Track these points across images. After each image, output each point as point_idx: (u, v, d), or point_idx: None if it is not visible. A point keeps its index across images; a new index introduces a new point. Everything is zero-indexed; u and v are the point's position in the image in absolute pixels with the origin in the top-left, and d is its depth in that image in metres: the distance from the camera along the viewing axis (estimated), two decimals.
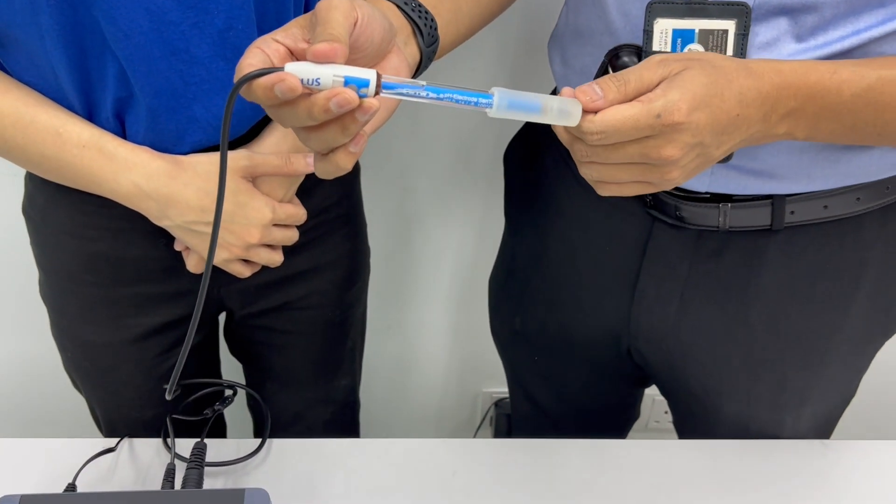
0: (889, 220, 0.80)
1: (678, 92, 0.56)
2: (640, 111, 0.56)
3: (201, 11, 0.70)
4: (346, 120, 0.51)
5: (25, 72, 0.75)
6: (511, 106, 0.53)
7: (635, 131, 0.56)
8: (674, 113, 0.56)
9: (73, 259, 0.87)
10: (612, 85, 0.57)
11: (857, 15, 0.66)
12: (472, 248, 1.41)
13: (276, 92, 0.49)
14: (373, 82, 0.50)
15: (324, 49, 0.49)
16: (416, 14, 0.66)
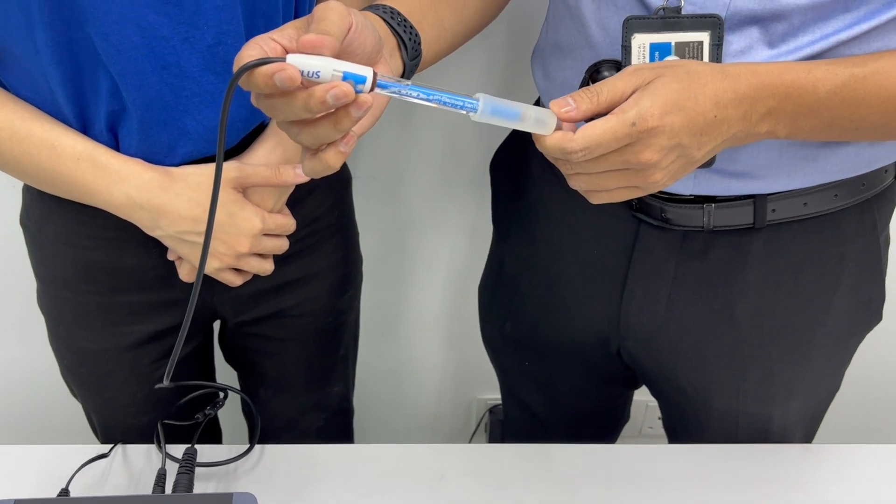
0: (866, 216, 0.82)
1: (649, 99, 0.59)
2: (615, 122, 0.58)
3: (191, 27, 0.72)
4: (339, 115, 0.52)
5: (21, 86, 0.77)
6: (494, 112, 0.57)
7: (615, 142, 0.59)
8: (647, 119, 0.58)
9: (69, 268, 0.88)
10: (585, 96, 0.60)
11: (824, 20, 0.68)
12: (464, 255, 1.42)
13: (276, 80, 0.49)
14: (369, 79, 0.52)
15: (312, 39, 0.50)
16: (401, 28, 0.68)
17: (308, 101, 0.51)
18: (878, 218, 0.84)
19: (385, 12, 0.68)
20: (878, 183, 0.81)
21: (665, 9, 0.70)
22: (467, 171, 1.32)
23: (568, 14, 0.80)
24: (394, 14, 0.68)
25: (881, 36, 0.69)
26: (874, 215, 0.83)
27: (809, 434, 0.99)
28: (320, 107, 0.51)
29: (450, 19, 0.76)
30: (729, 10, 0.69)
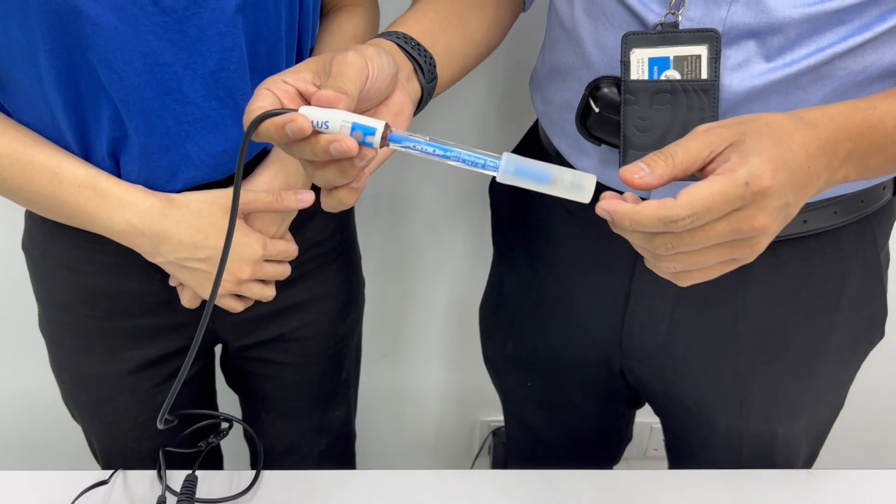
0: (866, 232, 0.83)
1: (756, 156, 0.54)
2: (725, 183, 0.53)
3: (194, 53, 0.72)
4: (344, 164, 0.54)
5: (24, 112, 0.77)
6: (518, 172, 0.53)
7: (726, 205, 0.53)
8: (761, 178, 0.54)
9: (71, 293, 0.88)
10: (659, 159, 0.56)
11: (819, 33, 0.69)
12: (465, 276, 1.42)
13: (287, 131, 0.52)
14: (379, 132, 0.52)
15: (328, 95, 0.52)
16: (416, 52, 0.69)
17: (314, 147, 0.53)
18: (878, 234, 0.84)
19: (399, 38, 0.69)
20: (876, 199, 0.81)
21: (663, 24, 0.71)
22: (468, 191, 1.32)
23: (565, 37, 0.81)
24: (407, 39, 0.69)
25: (876, 48, 0.70)
26: (874, 231, 0.83)
27: (814, 452, 0.99)
28: (324, 155, 0.53)
29: (459, 43, 0.77)
30: (725, 25, 0.70)
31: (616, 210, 0.55)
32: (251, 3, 0.73)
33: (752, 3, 0.69)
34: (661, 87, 0.72)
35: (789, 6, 0.68)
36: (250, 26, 0.74)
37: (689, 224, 0.53)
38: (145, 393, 0.94)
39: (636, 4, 0.73)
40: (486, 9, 0.82)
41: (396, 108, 0.63)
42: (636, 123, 0.74)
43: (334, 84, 0.54)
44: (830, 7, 0.68)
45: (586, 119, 0.77)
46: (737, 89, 0.71)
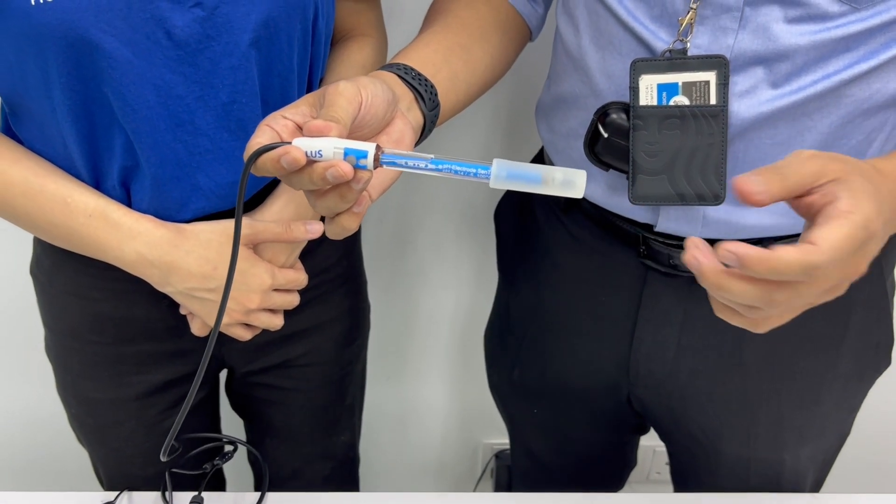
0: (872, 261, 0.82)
1: (865, 198, 0.53)
2: (852, 225, 0.52)
3: (206, 86, 0.73)
4: (342, 189, 0.55)
5: (36, 140, 0.78)
6: (510, 176, 0.54)
7: (852, 249, 0.52)
8: (874, 220, 0.53)
9: (78, 319, 0.89)
10: (774, 178, 0.53)
11: (826, 60, 0.70)
12: (469, 301, 1.43)
13: (283, 164, 0.54)
14: (371, 154, 0.54)
15: (318, 125, 0.54)
16: (416, 82, 0.70)
17: (312, 176, 0.54)
18: (884, 263, 0.85)
19: (399, 69, 0.70)
20: None
21: (671, 51, 0.72)
22: (473, 216, 1.33)
23: (571, 66, 0.81)
24: (407, 70, 0.70)
25: (881, 76, 0.71)
26: (880, 261, 0.84)
27: (820, 479, 0.99)
28: (322, 183, 0.54)
29: (463, 73, 0.78)
30: (733, 52, 0.71)
31: (747, 254, 0.51)
32: (264, 38, 0.74)
33: (759, 30, 0.70)
34: (670, 112, 0.73)
35: (795, 34, 0.69)
36: (263, 60, 0.75)
37: (825, 273, 0.52)
38: (152, 419, 0.94)
39: (644, 32, 0.73)
40: (491, 38, 0.83)
41: (397, 136, 0.64)
42: (645, 149, 0.75)
43: (326, 114, 0.56)
44: (836, 35, 0.69)
45: (595, 145, 0.78)
46: (745, 115, 0.72)
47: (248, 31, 0.72)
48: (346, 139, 0.55)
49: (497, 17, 0.85)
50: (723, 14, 0.70)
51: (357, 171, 0.54)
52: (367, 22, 0.91)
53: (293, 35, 0.76)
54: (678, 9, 0.72)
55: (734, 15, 0.70)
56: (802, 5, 0.68)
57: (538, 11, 0.90)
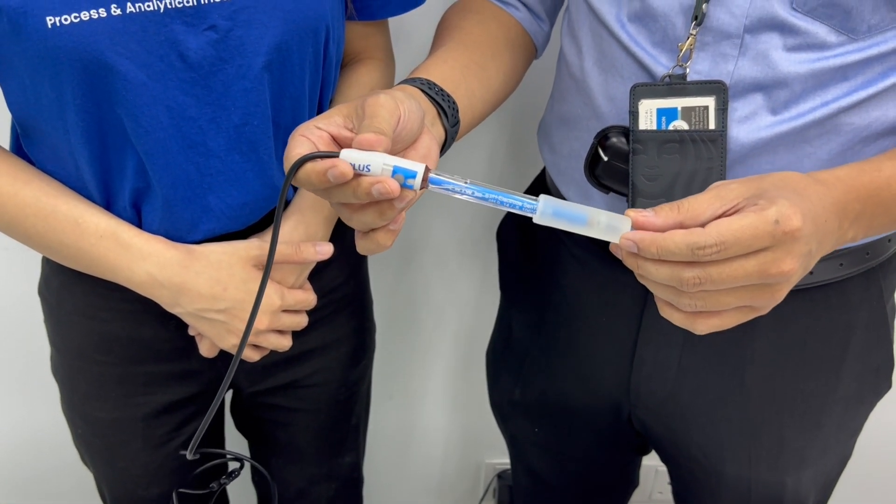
0: (871, 284, 0.83)
1: (784, 200, 0.55)
2: (755, 218, 0.54)
3: (219, 108, 0.74)
4: (383, 205, 0.55)
5: (48, 161, 0.78)
6: (556, 214, 0.55)
7: (755, 240, 0.54)
8: (791, 218, 0.54)
9: (86, 339, 0.89)
10: (665, 206, 0.56)
11: (824, 88, 0.71)
12: (471, 320, 1.43)
13: (329, 177, 0.53)
14: (420, 175, 0.54)
15: (369, 138, 0.53)
16: (439, 97, 0.71)
17: (356, 190, 0.54)
18: (884, 286, 0.85)
19: (423, 84, 0.71)
20: (882, 252, 0.82)
21: (671, 76, 0.73)
22: (477, 235, 1.34)
23: (574, 87, 0.83)
24: (431, 85, 0.71)
25: (879, 104, 0.72)
26: (880, 284, 0.84)
27: (822, 502, 0.98)
28: (366, 197, 0.54)
29: (479, 90, 0.79)
30: (733, 78, 0.72)
31: (643, 238, 0.55)
32: (277, 61, 0.75)
33: (758, 57, 0.71)
34: (669, 136, 0.74)
35: (794, 62, 0.70)
36: (275, 83, 0.76)
37: (716, 253, 0.54)
38: (158, 439, 0.94)
39: (645, 57, 0.75)
40: (503, 56, 0.84)
41: (424, 151, 0.64)
42: (644, 172, 0.75)
43: (370, 125, 0.55)
44: (834, 63, 0.70)
45: (595, 168, 0.79)
46: (744, 141, 0.73)
47: (260, 55, 0.73)
48: (395, 157, 0.54)
49: (507, 35, 0.86)
50: (723, 41, 0.71)
51: (403, 189, 0.53)
52: (376, 45, 0.93)
53: (305, 58, 0.77)
54: (679, 35, 0.73)
55: (734, 42, 0.71)
56: (801, 34, 0.69)
57: (544, 29, 0.92)
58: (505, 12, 0.88)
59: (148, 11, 0.69)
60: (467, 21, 0.86)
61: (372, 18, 0.88)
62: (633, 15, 0.75)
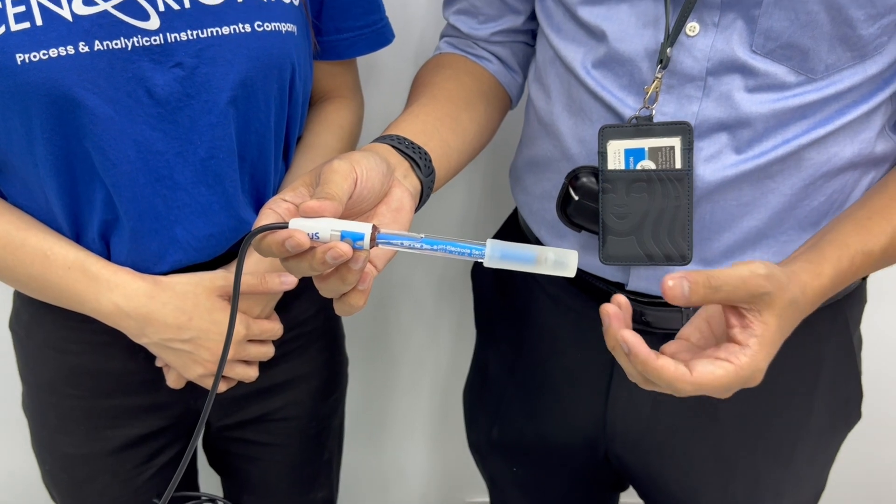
0: (838, 317, 0.85)
1: (764, 359, 0.62)
2: (733, 378, 0.61)
3: (185, 142, 0.76)
4: (342, 270, 0.57)
5: (19, 195, 0.79)
6: (504, 256, 0.56)
7: (724, 389, 0.61)
8: (757, 377, 0.62)
9: (55, 372, 0.89)
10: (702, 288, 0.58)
11: (784, 126, 0.73)
12: (448, 357, 1.43)
13: (287, 246, 0.55)
14: (367, 236, 0.55)
15: (313, 206, 0.55)
16: (410, 150, 0.72)
17: (312, 262, 0.55)
18: (850, 318, 0.87)
19: (392, 140, 0.73)
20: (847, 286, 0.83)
21: (637, 118, 0.75)
22: (455, 275, 1.35)
23: (544, 131, 0.84)
24: (401, 140, 0.73)
25: (837, 141, 0.75)
26: (846, 316, 0.86)
27: None
28: (322, 266, 0.55)
29: (454, 140, 0.81)
30: (698, 119, 0.74)
31: (638, 352, 0.60)
32: (242, 97, 0.76)
33: (721, 99, 0.73)
34: (637, 176, 0.76)
35: (756, 102, 0.72)
36: (240, 118, 0.77)
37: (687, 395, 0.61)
38: (126, 473, 0.93)
39: (613, 101, 0.77)
40: (477, 107, 0.86)
41: (396, 205, 0.66)
42: (614, 210, 0.77)
43: (321, 191, 0.57)
44: (794, 103, 0.72)
45: (566, 207, 0.80)
46: (710, 179, 0.75)
47: (226, 91, 0.75)
48: (342, 220, 0.55)
49: (481, 87, 0.89)
50: (687, 83, 0.74)
51: (355, 251, 0.55)
52: (344, 84, 0.95)
53: (270, 94, 0.78)
54: (645, 78, 0.75)
55: (698, 84, 0.73)
56: (762, 75, 0.72)
57: (517, 80, 0.94)
58: (478, 65, 0.91)
59: (116, 49, 0.71)
60: (440, 76, 0.88)
61: (339, 58, 0.90)
62: (598, 61, 0.78)
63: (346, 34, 0.89)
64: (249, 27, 0.75)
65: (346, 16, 0.88)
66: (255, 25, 0.76)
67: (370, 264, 0.62)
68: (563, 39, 0.81)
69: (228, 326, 0.62)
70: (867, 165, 0.78)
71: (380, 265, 0.64)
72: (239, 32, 0.75)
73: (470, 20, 0.90)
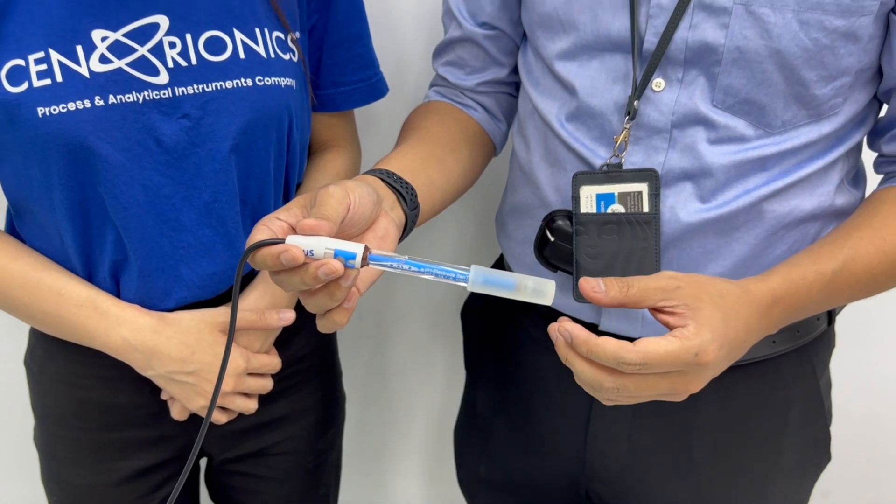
0: (804, 360, 0.88)
1: (708, 332, 0.62)
2: (679, 348, 0.61)
3: (191, 187, 0.81)
4: (331, 287, 0.60)
5: (36, 238, 0.85)
6: (486, 282, 0.59)
7: (673, 365, 0.62)
8: (708, 352, 0.62)
9: (65, 405, 0.93)
10: (615, 284, 0.63)
11: (745, 178, 0.78)
12: (443, 397, 1.46)
13: (282, 260, 0.58)
14: (359, 255, 0.59)
15: (311, 223, 0.59)
16: (397, 184, 0.77)
17: (304, 277, 0.59)
18: (817, 362, 0.89)
19: (382, 174, 0.77)
20: (812, 329, 0.87)
21: (608, 165, 0.80)
22: (450, 315, 1.38)
23: (525, 180, 0.90)
24: (389, 174, 0.77)
25: (797, 193, 0.79)
26: (812, 360, 0.88)
27: None
28: (313, 281, 0.59)
29: (438, 179, 0.85)
30: (664, 168, 0.79)
31: (578, 335, 0.61)
32: (243, 145, 0.82)
33: (686, 150, 0.78)
34: (607, 219, 0.81)
35: (718, 154, 0.77)
36: (242, 164, 0.83)
37: (636, 370, 0.61)
38: None
39: (585, 151, 0.82)
40: (462, 150, 0.92)
41: (382, 233, 0.70)
42: (587, 251, 0.81)
43: (316, 212, 0.61)
44: (753, 155, 0.77)
45: (544, 248, 0.85)
46: (676, 225, 0.79)
47: (228, 139, 0.81)
48: (335, 239, 0.59)
49: (466, 133, 0.94)
50: (654, 135, 0.78)
51: (346, 269, 0.59)
52: (342, 134, 1.01)
53: (269, 143, 0.84)
54: (614, 129, 0.80)
55: (664, 136, 0.78)
56: (722, 128, 0.77)
57: (501, 129, 1.00)
58: (464, 113, 0.96)
59: (128, 102, 0.77)
60: (428, 121, 0.93)
61: (336, 110, 0.97)
62: (571, 115, 0.83)
63: (342, 88, 0.95)
64: (251, 81, 0.81)
65: (342, 71, 0.95)
66: (256, 80, 0.82)
67: (356, 286, 0.65)
68: (541, 94, 0.86)
69: (224, 353, 0.66)
70: (828, 218, 0.82)
71: (363, 287, 0.67)
72: (241, 86, 0.81)
73: (457, 71, 0.96)
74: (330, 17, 0.92)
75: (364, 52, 0.97)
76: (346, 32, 0.94)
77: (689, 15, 0.75)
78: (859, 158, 0.86)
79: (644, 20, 0.76)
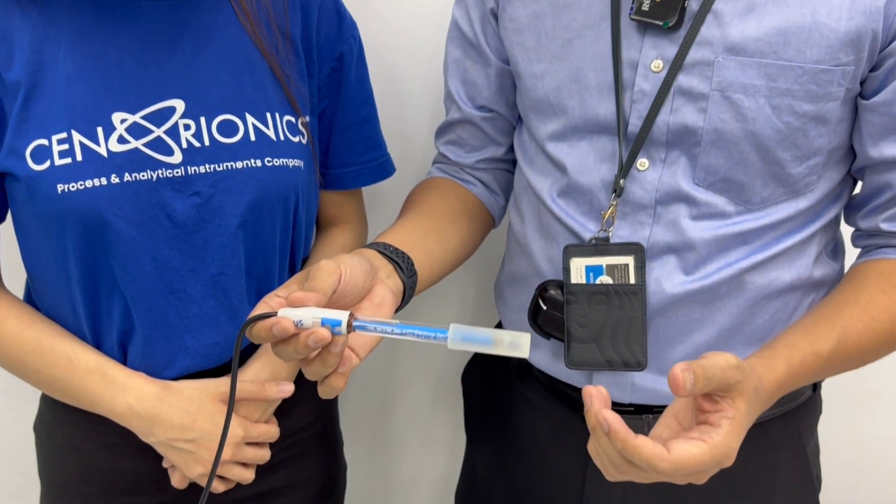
0: (790, 426, 0.90)
1: (736, 439, 0.65)
2: (708, 455, 0.63)
3: (199, 260, 0.85)
4: (324, 354, 0.64)
5: (50, 307, 0.89)
6: (465, 339, 0.62)
7: (696, 468, 0.64)
8: (730, 458, 0.65)
9: (71, 470, 0.95)
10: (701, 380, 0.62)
11: (726, 251, 0.82)
12: (445, 463, 1.47)
13: (274, 332, 0.62)
14: (344, 322, 0.63)
15: (299, 296, 0.63)
16: (394, 255, 0.81)
17: (296, 346, 0.63)
18: (803, 428, 0.91)
19: (378, 246, 0.82)
20: (797, 396, 0.89)
21: (597, 238, 0.85)
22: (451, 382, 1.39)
23: (520, 251, 0.94)
24: (386, 246, 0.82)
25: (777, 265, 0.82)
26: (798, 426, 0.91)
27: None
28: (305, 350, 0.63)
29: (436, 249, 0.90)
30: (649, 242, 0.83)
31: (617, 430, 0.62)
32: (251, 221, 0.86)
33: (669, 225, 0.82)
34: (596, 289, 0.84)
35: (699, 229, 0.81)
36: (249, 240, 0.87)
37: (665, 477, 0.63)
38: None
39: (575, 225, 0.86)
40: (461, 223, 0.96)
41: (378, 300, 0.73)
42: (577, 320, 0.85)
43: (308, 285, 0.65)
44: (734, 230, 0.81)
45: (537, 317, 0.89)
46: (661, 296, 0.83)
47: (236, 216, 0.85)
48: (324, 309, 0.63)
49: (464, 206, 0.99)
50: (639, 211, 0.83)
51: (334, 335, 0.62)
52: (350, 212, 1.05)
53: (276, 220, 0.88)
54: (602, 205, 0.85)
55: (648, 212, 0.82)
56: (704, 205, 0.81)
57: (499, 202, 1.04)
58: (464, 188, 1.01)
59: (142, 180, 0.81)
60: (429, 195, 0.98)
61: (344, 188, 1.01)
62: (562, 191, 0.87)
63: (350, 168, 1.00)
64: (260, 162, 0.86)
65: (350, 152, 1.00)
66: (265, 161, 0.86)
67: (353, 353, 0.68)
68: (535, 171, 0.91)
69: (224, 423, 0.69)
70: (807, 289, 0.85)
71: (362, 354, 0.70)
72: (251, 167, 0.86)
73: (457, 149, 1.01)
74: (340, 101, 0.97)
75: (372, 135, 1.02)
76: (355, 116, 0.99)
77: (669, 100, 0.79)
78: (837, 231, 0.90)
79: (628, 105, 0.81)
